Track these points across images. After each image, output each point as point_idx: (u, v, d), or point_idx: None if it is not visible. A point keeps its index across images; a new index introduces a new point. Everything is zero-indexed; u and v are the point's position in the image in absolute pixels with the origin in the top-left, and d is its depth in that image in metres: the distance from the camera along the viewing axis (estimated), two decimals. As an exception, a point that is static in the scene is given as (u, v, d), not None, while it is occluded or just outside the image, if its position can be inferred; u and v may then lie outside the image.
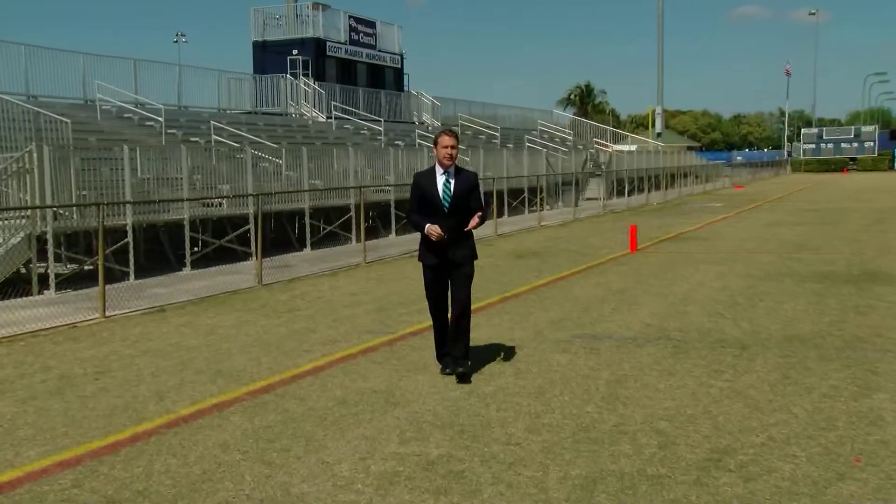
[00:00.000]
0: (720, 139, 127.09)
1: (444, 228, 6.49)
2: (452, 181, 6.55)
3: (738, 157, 79.80)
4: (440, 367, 6.93)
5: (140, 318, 10.10)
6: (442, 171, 6.56)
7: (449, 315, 6.79)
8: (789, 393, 6.27)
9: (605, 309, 9.92)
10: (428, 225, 6.48)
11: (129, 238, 13.50)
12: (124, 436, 5.60)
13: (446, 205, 6.51)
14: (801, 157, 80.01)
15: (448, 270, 6.63)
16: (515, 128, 42.47)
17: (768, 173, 66.55)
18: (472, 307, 9.70)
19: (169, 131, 21.01)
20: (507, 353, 7.74)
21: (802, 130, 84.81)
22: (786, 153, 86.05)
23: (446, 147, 6.51)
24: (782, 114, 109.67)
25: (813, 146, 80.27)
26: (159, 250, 15.65)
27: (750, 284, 11.57)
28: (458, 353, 6.71)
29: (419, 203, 6.59)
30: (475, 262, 6.79)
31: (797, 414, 5.76)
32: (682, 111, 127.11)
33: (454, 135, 6.62)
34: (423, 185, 6.56)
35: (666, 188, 38.80)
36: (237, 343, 8.49)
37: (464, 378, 6.61)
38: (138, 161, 14.86)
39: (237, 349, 8.20)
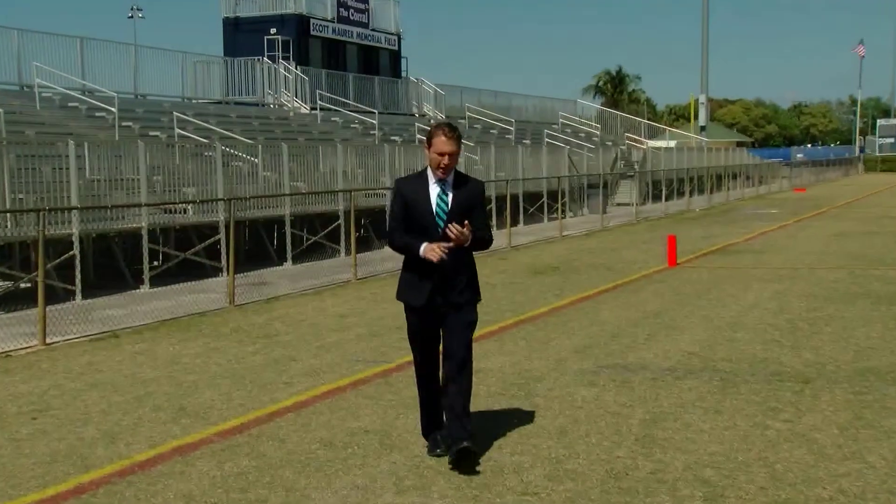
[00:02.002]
0: (777, 133, 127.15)
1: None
2: (450, 192, 5.66)
3: (799, 155, 79.79)
4: (427, 446, 5.97)
5: (88, 345, 10.11)
6: (436, 178, 5.67)
7: (441, 375, 5.83)
8: (863, 437, 6.25)
9: (639, 335, 9.91)
10: (425, 245, 5.54)
11: (76, 250, 13.54)
12: (66, 487, 5.59)
13: (441, 224, 5.61)
14: (877, 153, 79.94)
15: (440, 315, 5.69)
16: (533, 121, 42.58)
17: (836, 173, 66.58)
18: (481, 331, 9.71)
19: (123, 124, 21.11)
20: (523, 386, 7.72)
21: (878, 122, 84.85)
22: (857, 149, 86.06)
23: (442, 154, 5.59)
24: (853, 103, 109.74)
25: (891, 140, 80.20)
26: (112, 265, 15.70)
27: (813, 306, 11.56)
28: (457, 431, 5.63)
29: (403, 220, 5.68)
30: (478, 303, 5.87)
31: (873, 463, 5.74)
32: (731, 100, 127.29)
33: (455, 136, 5.65)
34: (409, 197, 5.67)
35: (711, 191, 38.85)
36: (204, 374, 8.49)
37: (466, 459, 5.58)
38: (86, 159, 14.93)
39: (204, 382, 8.20)
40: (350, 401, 7.40)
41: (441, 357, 5.80)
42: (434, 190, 5.67)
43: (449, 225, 5.53)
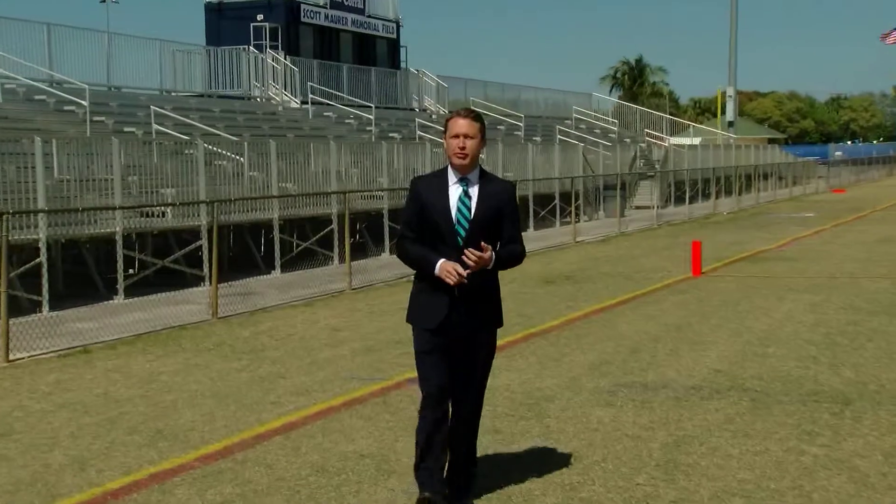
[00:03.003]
0: (813, 129, 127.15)
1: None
2: (474, 194, 5.30)
3: (838, 153, 79.78)
4: (417, 482, 5.51)
5: (56, 361, 10.11)
6: (457, 176, 5.32)
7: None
8: (907, 462, 6.24)
9: (660, 350, 9.90)
10: (442, 262, 5.20)
11: (43, 257, 13.55)
12: (34, 514, 5.59)
13: (462, 232, 5.25)
14: (926, 149, 79.79)
15: (455, 340, 5.37)
16: (544, 116, 42.63)
17: (879, 172, 66.57)
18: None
19: (96, 118, 21.14)
20: (534, 406, 7.72)
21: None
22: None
23: (457, 136, 5.24)
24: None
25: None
26: (82, 273, 15.71)
27: (854, 319, 11.54)
28: (460, 479, 5.56)
29: (418, 226, 5.34)
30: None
31: (917, 489, 5.73)
32: (762, 93, 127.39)
33: (474, 116, 5.33)
34: (425, 198, 5.31)
35: (740, 193, 38.84)
36: (184, 394, 8.48)
37: None
38: (55, 157, 14.95)
39: (184, 402, 8.19)
40: (344, 422, 7.39)
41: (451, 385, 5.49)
42: (454, 190, 5.28)
43: (466, 252, 5.16)
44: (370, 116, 29.33)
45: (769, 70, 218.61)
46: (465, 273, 5.16)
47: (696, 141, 49.32)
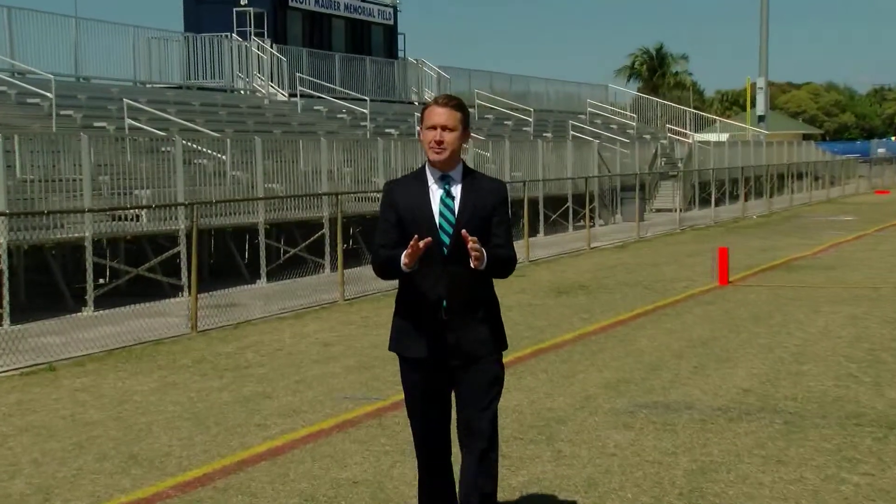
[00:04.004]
0: (853, 123, 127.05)
1: (441, 285, 4.93)
2: (457, 194, 4.99)
3: (881, 150, 79.71)
4: None
5: (17, 379, 10.10)
6: (437, 175, 5.02)
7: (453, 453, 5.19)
8: (957, 491, 6.23)
9: (684, 367, 9.90)
10: (404, 252, 4.82)
11: (3, 265, 13.55)
12: (-5, 548, 5.60)
13: (446, 240, 4.91)
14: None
15: (450, 371, 5.02)
16: (555, 110, 42.64)
17: (927, 171, 66.42)
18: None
19: (63, 112, 21.16)
20: (544, 428, 7.71)
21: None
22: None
23: (433, 128, 4.92)
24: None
25: None
26: (48, 283, 15.72)
27: (896, 333, 11.55)
28: None
29: (398, 238, 4.95)
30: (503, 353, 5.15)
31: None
32: (796, 84, 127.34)
33: (454, 105, 5.00)
34: (403, 205, 4.98)
35: (771, 194, 38.84)
36: (160, 415, 8.48)
37: None
38: (17, 155, 14.96)
39: (160, 424, 8.19)
40: (336, 446, 7.39)
41: (450, 430, 5.15)
42: (435, 192, 4.98)
43: (463, 231, 4.79)
44: (365, 110, 29.35)
45: (804, 59, 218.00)
46: (421, 245, 4.72)
47: (723, 137, 49.30)
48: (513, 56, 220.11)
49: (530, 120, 36.98)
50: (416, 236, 4.73)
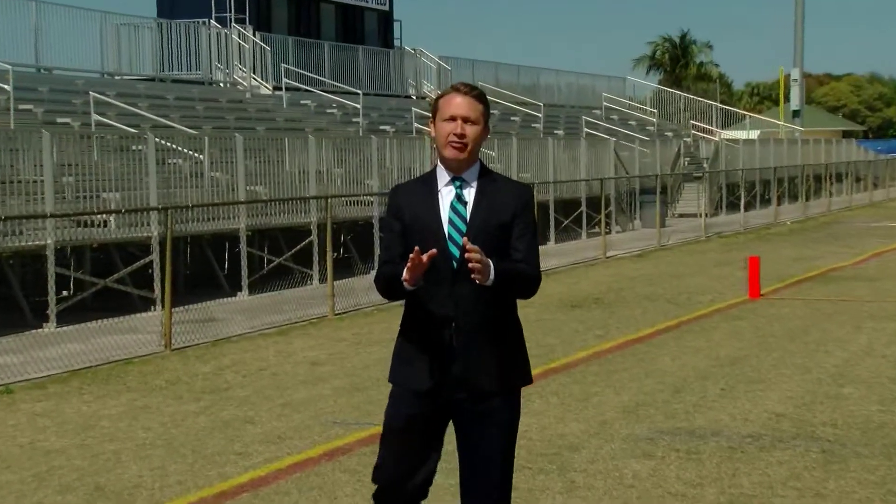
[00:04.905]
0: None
1: (450, 304, 4.61)
2: (470, 198, 4.70)
3: (931, 148, 79.76)
4: None
5: (-24, 401, 10.09)
6: (448, 178, 4.72)
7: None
8: None
9: (710, 389, 9.89)
10: (407, 267, 4.51)
11: (-39, 276, 13.54)
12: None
13: (455, 252, 4.59)
14: None
15: (454, 408, 4.69)
16: (568, 104, 42.71)
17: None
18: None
19: (21, 107, 21.15)
20: (555, 457, 7.70)
21: None
22: None
23: (453, 120, 4.65)
24: None
25: None
26: (5, 295, 15.70)
27: (946, 352, 11.55)
28: None
29: (404, 252, 4.62)
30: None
31: None
32: (836, 76, 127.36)
33: (476, 95, 4.71)
34: (410, 213, 4.71)
35: (807, 198, 38.85)
36: (129, 443, 8.46)
37: None
38: (-24, 155, 14.95)
39: (129, 453, 8.17)
40: (325, 476, 7.38)
41: (459, 482, 4.74)
42: (446, 196, 4.69)
43: (465, 241, 4.47)
44: (357, 105, 29.37)
45: (844, 47, 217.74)
46: (425, 258, 4.43)
47: (754, 134, 49.38)
48: (520, 45, 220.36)
49: (540, 116, 36.97)
50: (416, 248, 4.43)
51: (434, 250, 4.47)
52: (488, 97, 4.83)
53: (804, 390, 9.79)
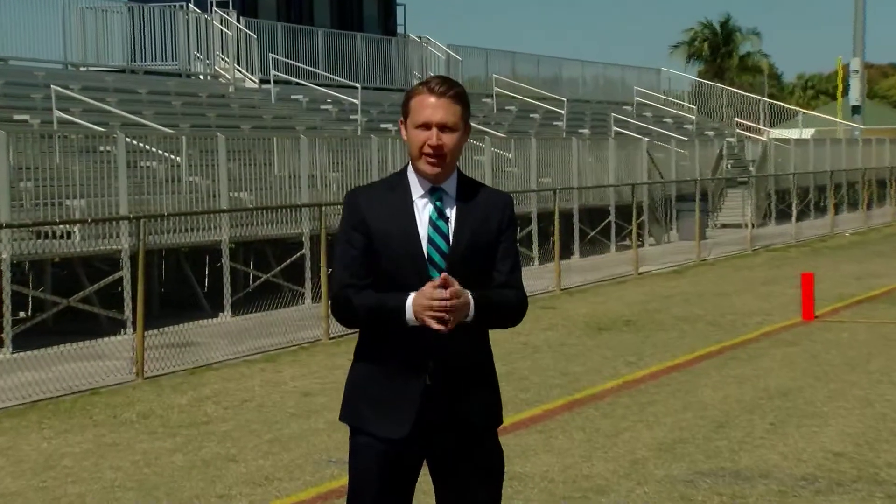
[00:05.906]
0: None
1: (428, 337, 4.45)
2: (452, 210, 4.58)
3: None
4: None
5: (-78, 437, 10.10)
6: (424, 187, 4.60)
7: None
8: None
9: (758, 425, 9.86)
10: (413, 297, 4.42)
11: None
12: None
13: (437, 276, 4.44)
14: None
15: (431, 453, 4.67)
16: (594, 100, 42.70)
17: None
18: (517, 417, 9.64)
19: (-23, 104, 21.24)
20: (581, 501, 7.68)
21: None
22: None
23: (427, 126, 4.52)
24: None
25: None
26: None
27: None
28: None
29: (366, 270, 4.55)
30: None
31: None
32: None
33: (453, 94, 4.61)
34: (376, 225, 4.58)
35: (869, 206, 38.76)
36: (96, 484, 8.44)
37: None
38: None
39: (95, 495, 8.15)
40: (317, 523, 7.36)
41: None
42: (423, 207, 4.58)
43: (444, 275, 4.38)
44: (355, 101, 29.41)
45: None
46: (447, 305, 4.35)
47: (807, 134, 49.28)
48: (540, 32, 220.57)
49: (563, 112, 36.96)
50: (442, 275, 4.36)
51: (446, 274, 4.37)
52: (504, 91, 4.79)
53: (865, 426, 9.74)
